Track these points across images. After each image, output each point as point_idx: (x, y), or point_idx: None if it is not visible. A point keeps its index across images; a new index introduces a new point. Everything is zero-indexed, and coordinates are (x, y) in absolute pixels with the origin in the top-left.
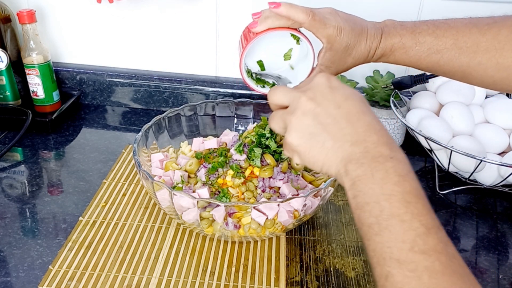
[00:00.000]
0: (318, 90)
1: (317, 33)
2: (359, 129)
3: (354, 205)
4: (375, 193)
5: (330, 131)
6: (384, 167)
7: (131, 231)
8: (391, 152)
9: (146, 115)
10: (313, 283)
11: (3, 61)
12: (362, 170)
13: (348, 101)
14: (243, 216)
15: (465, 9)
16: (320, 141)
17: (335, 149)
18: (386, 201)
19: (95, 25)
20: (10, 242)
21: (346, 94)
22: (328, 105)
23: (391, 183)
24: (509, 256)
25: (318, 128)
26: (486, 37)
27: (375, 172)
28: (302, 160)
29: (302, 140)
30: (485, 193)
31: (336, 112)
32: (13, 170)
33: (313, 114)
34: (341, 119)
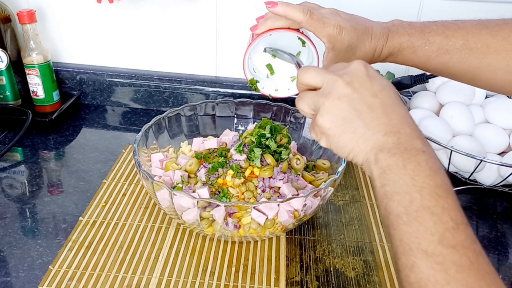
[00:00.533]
0: (356, 76)
1: (317, 32)
2: (394, 120)
3: (382, 193)
4: (406, 184)
5: (365, 119)
6: (416, 160)
7: (131, 231)
8: (423, 146)
9: (146, 115)
10: (313, 283)
11: (3, 61)
12: (394, 160)
13: (384, 92)
14: (243, 216)
15: (465, 9)
16: (353, 127)
17: (367, 136)
18: (417, 192)
19: (95, 25)
20: (10, 242)
21: (382, 84)
22: (365, 92)
23: (422, 175)
24: (509, 256)
25: (353, 114)
26: (496, 38)
27: (407, 163)
28: (329, 144)
29: (334, 123)
30: (485, 193)
31: (373, 100)
32: (13, 170)
33: (349, 99)
34: (377, 108)
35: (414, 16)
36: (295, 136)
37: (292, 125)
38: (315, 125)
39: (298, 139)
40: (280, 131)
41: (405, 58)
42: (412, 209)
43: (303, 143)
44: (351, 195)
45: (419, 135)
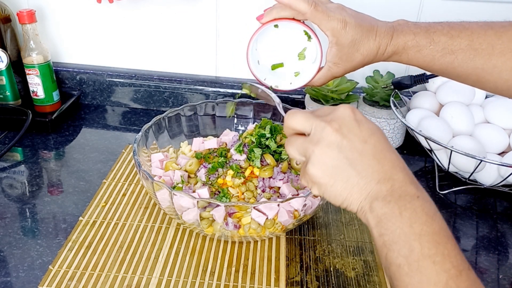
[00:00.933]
0: (344, 122)
1: (321, 25)
2: (386, 167)
3: (381, 243)
4: (403, 232)
5: (356, 167)
6: (412, 206)
7: (131, 231)
8: (417, 191)
9: (146, 115)
10: (313, 283)
11: (3, 61)
12: (390, 208)
13: (373, 136)
14: (243, 216)
15: (465, 9)
16: (345, 176)
17: (360, 185)
18: (417, 241)
19: (95, 25)
20: (10, 242)
21: (371, 129)
22: (354, 138)
23: (420, 223)
24: (509, 256)
25: (344, 162)
26: (502, 39)
27: (403, 210)
28: (321, 193)
29: (326, 173)
30: (485, 193)
31: (363, 147)
32: (13, 170)
33: (339, 147)
34: (367, 154)
35: (414, 16)
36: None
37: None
38: (305, 173)
39: None
40: (280, 131)
41: (410, 57)
42: (412, 259)
43: None
44: None
45: (412, 180)
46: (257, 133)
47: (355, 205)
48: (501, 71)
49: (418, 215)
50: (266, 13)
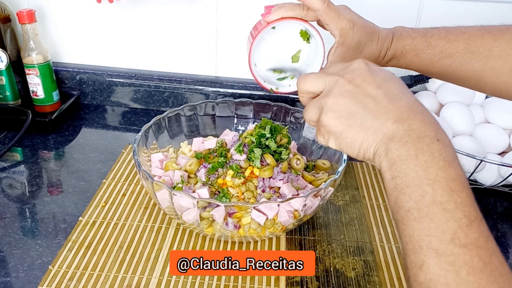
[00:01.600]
0: (357, 73)
1: (331, 23)
2: (402, 108)
3: (393, 186)
4: (417, 176)
5: (371, 109)
6: (430, 149)
7: (131, 231)
8: (437, 134)
9: (146, 115)
10: (313, 283)
11: (3, 61)
12: (406, 149)
13: (388, 82)
14: (243, 216)
15: (465, 9)
16: (360, 119)
17: (375, 127)
18: (430, 186)
19: (95, 25)
20: (10, 242)
21: (386, 76)
22: (367, 86)
23: (436, 167)
24: (509, 256)
25: (358, 107)
26: (499, 42)
27: (420, 153)
28: (338, 143)
29: (340, 120)
30: (485, 193)
31: (377, 91)
32: (13, 170)
33: (352, 94)
34: (382, 98)
35: (414, 16)
36: (295, 136)
37: (292, 125)
38: (320, 126)
39: (298, 139)
40: (280, 131)
41: (408, 61)
42: (423, 204)
43: (303, 143)
44: (351, 195)
45: (432, 122)
46: (257, 133)
47: (372, 149)
48: (499, 74)
49: (435, 160)
50: (274, 10)
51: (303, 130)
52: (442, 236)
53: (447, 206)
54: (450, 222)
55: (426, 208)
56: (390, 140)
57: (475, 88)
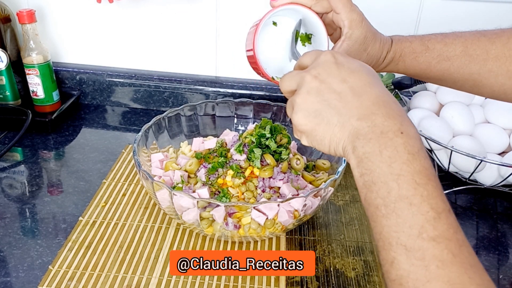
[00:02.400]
0: (323, 67)
1: (343, 12)
2: (367, 102)
3: (361, 183)
4: (382, 172)
5: (336, 106)
6: (393, 144)
7: (131, 231)
8: (401, 126)
9: (146, 115)
10: (313, 283)
11: (3, 61)
12: (370, 146)
13: (354, 74)
14: (243, 216)
15: (465, 9)
16: (326, 118)
17: (341, 124)
18: (394, 181)
19: (95, 25)
20: (10, 242)
21: (352, 68)
22: (332, 80)
23: (400, 162)
24: (509, 256)
25: (323, 105)
26: (495, 45)
27: (383, 149)
28: (310, 141)
29: (308, 118)
30: (485, 193)
31: (341, 86)
32: (13, 170)
33: (317, 91)
34: (346, 93)
35: (414, 15)
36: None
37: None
38: (293, 125)
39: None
40: (280, 131)
41: (407, 65)
42: (390, 200)
43: None
44: (351, 195)
45: (397, 113)
46: (257, 133)
47: (340, 146)
48: (497, 76)
49: (399, 154)
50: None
51: None
52: (409, 231)
53: (412, 200)
54: (417, 216)
55: (392, 204)
56: (356, 137)
57: (473, 91)
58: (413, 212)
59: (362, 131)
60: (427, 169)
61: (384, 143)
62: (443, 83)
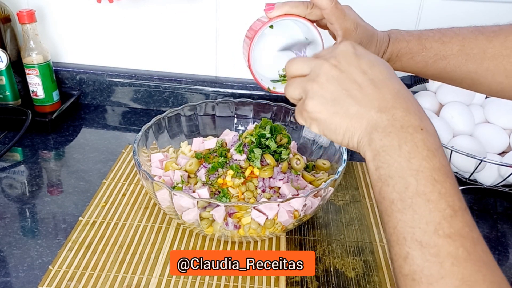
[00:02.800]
0: (343, 57)
1: (336, 23)
2: (387, 95)
3: (376, 177)
4: (401, 167)
5: (355, 97)
6: (413, 139)
7: (131, 231)
8: (421, 122)
9: (146, 115)
10: (313, 283)
11: (3, 61)
12: (389, 140)
13: (374, 67)
14: (243, 216)
15: (465, 8)
16: (344, 107)
17: (360, 115)
18: (413, 177)
19: (95, 25)
20: (10, 242)
21: (372, 61)
22: (353, 70)
23: (419, 158)
24: (509, 256)
25: (343, 94)
26: (493, 43)
27: (403, 143)
28: (321, 129)
29: (325, 106)
30: (485, 193)
31: (362, 77)
32: (13, 170)
33: (338, 80)
34: (367, 84)
35: (414, 15)
36: (295, 136)
37: (292, 125)
38: (303, 110)
39: (298, 139)
40: (280, 131)
41: (403, 64)
42: (407, 195)
43: (303, 143)
44: (351, 195)
45: (417, 109)
46: (257, 133)
47: (356, 137)
48: (494, 74)
49: (418, 150)
50: (277, 7)
51: (303, 130)
52: (425, 227)
53: (430, 196)
54: (434, 213)
55: (409, 199)
56: (374, 129)
57: (470, 88)
58: (430, 208)
59: (381, 124)
60: (445, 166)
61: (404, 137)
62: (441, 81)
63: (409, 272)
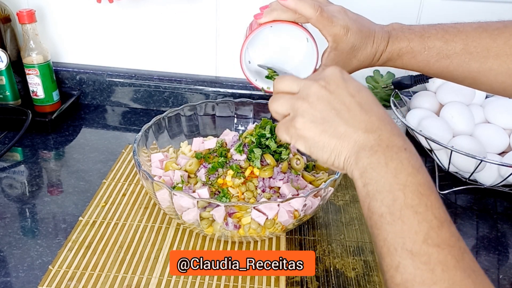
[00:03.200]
0: (331, 79)
1: (324, 30)
2: (373, 118)
3: (364, 193)
4: (388, 182)
5: (344, 117)
6: (398, 157)
7: (131, 231)
8: (404, 143)
9: (146, 115)
10: (313, 283)
11: (3, 61)
12: (376, 158)
13: (361, 92)
14: (243, 216)
15: (465, 8)
16: (333, 126)
17: (348, 134)
18: (401, 191)
19: (95, 25)
20: (10, 242)
21: (358, 86)
22: (341, 92)
23: (405, 174)
24: (509, 256)
25: (332, 113)
26: (497, 42)
27: (389, 161)
28: (308, 146)
29: (314, 124)
30: (485, 193)
31: (350, 100)
32: (13, 170)
33: (327, 100)
34: (355, 107)
35: (414, 15)
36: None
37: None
38: (290, 126)
39: None
40: None
41: (405, 63)
42: (395, 208)
43: None
44: (351, 195)
45: (400, 133)
46: (257, 133)
47: (343, 156)
48: (496, 74)
49: (404, 166)
50: (266, 13)
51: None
52: (415, 237)
53: (418, 209)
54: (422, 224)
55: (398, 212)
56: (361, 149)
57: (472, 87)
58: (419, 219)
59: (368, 143)
60: (429, 182)
61: (390, 156)
62: (443, 78)
63: (401, 281)
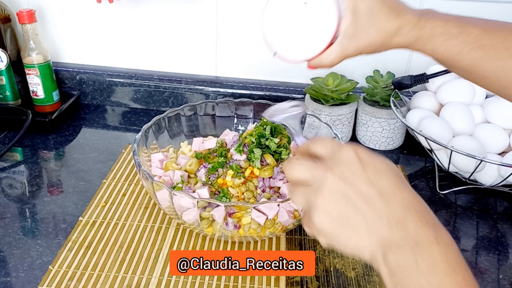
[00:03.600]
0: (346, 165)
1: None
2: (397, 208)
3: None
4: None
5: (363, 212)
6: (429, 252)
7: (131, 231)
8: (436, 232)
9: (146, 115)
10: (313, 283)
11: (3, 61)
12: (404, 258)
13: (381, 176)
14: (243, 216)
15: (465, 9)
16: (352, 223)
17: (369, 231)
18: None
19: (95, 24)
20: (10, 242)
21: (378, 168)
22: (359, 183)
23: (439, 272)
24: (509, 256)
25: (350, 210)
26: None
27: (419, 258)
28: (329, 242)
29: (331, 221)
30: (485, 193)
31: (369, 190)
32: (13, 170)
33: (342, 194)
34: (374, 196)
35: None
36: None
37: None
38: (310, 222)
39: None
40: (280, 131)
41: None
42: None
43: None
44: None
45: (429, 219)
46: (257, 133)
47: (367, 252)
48: None
49: (437, 263)
50: None
51: (303, 130)
52: None
53: None
54: None
55: None
56: (388, 248)
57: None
58: None
59: (393, 240)
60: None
61: (420, 254)
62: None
63: None
